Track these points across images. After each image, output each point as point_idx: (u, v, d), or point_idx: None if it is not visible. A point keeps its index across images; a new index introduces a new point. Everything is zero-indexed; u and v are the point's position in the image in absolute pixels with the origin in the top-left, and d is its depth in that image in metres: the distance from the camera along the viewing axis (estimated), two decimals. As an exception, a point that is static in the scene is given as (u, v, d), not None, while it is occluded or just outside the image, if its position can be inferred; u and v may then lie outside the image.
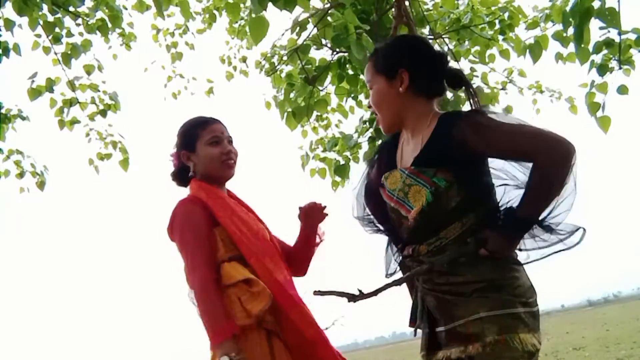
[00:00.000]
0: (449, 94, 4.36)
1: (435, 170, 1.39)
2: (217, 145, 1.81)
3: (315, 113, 4.23)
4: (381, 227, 1.65)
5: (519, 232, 1.36)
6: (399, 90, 1.48)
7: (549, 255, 1.40)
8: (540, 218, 1.35)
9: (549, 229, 1.36)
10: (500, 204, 1.45)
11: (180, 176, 1.90)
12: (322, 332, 1.71)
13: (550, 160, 1.31)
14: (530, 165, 1.37)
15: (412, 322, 1.51)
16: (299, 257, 1.98)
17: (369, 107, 1.61)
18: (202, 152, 1.81)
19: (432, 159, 1.41)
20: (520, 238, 1.38)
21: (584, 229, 1.35)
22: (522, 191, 1.38)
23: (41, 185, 4.86)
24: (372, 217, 1.66)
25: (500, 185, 1.47)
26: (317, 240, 1.99)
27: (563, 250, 1.38)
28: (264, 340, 1.65)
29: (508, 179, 1.46)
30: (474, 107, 1.49)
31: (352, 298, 1.47)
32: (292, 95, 3.84)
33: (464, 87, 1.54)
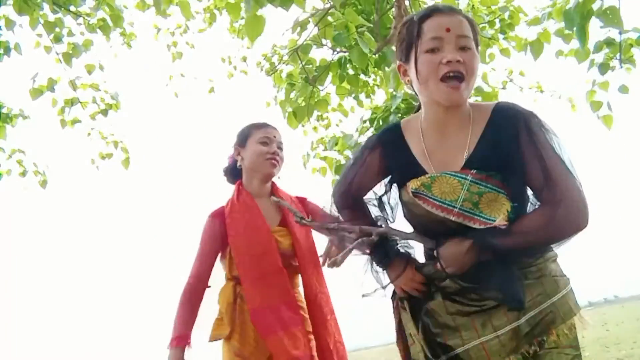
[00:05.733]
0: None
1: (496, 174, 1.21)
2: (266, 145, 1.95)
3: (315, 113, 4.24)
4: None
5: (480, 256, 1.19)
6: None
7: None
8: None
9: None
10: None
11: (230, 173, 2.08)
12: (294, 357, 1.76)
13: (567, 217, 1.17)
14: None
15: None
16: None
17: (457, 60, 1.19)
18: (251, 148, 1.96)
19: (494, 158, 1.21)
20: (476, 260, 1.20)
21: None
22: None
23: (43, 184, 4.89)
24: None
25: None
26: None
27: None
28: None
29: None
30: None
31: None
32: (292, 95, 3.85)
33: None
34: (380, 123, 3.56)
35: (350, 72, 3.86)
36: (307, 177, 4.50)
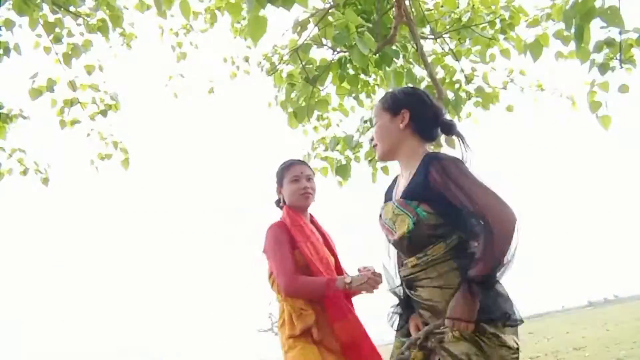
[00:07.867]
0: (450, 94, 4.38)
1: (418, 203, 1.66)
2: (296, 183, 2.39)
3: (316, 113, 4.24)
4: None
5: (475, 294, 1.52)
6: (399, 126, 1.76)
7: None
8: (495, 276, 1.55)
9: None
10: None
11: (279, 203, 2.51)
12: (365, 335, 2.17)
13: (499, 220, 1.52)
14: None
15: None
16: None
17: (371, 140, 1.88)
18: (286, 187, 2.41)
19: (415, 192, 1.68)
20: (478, 298, 1.53)
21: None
22: None
23: (45, 181, 4.86)
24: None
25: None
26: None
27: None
28: (315, 350, 2.13)
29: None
30: (462, 152, 1.73)
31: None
32: (293, 95, 3.85)
33: (456, 135, 1.79)
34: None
35: (351, 72, 3.85)
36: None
